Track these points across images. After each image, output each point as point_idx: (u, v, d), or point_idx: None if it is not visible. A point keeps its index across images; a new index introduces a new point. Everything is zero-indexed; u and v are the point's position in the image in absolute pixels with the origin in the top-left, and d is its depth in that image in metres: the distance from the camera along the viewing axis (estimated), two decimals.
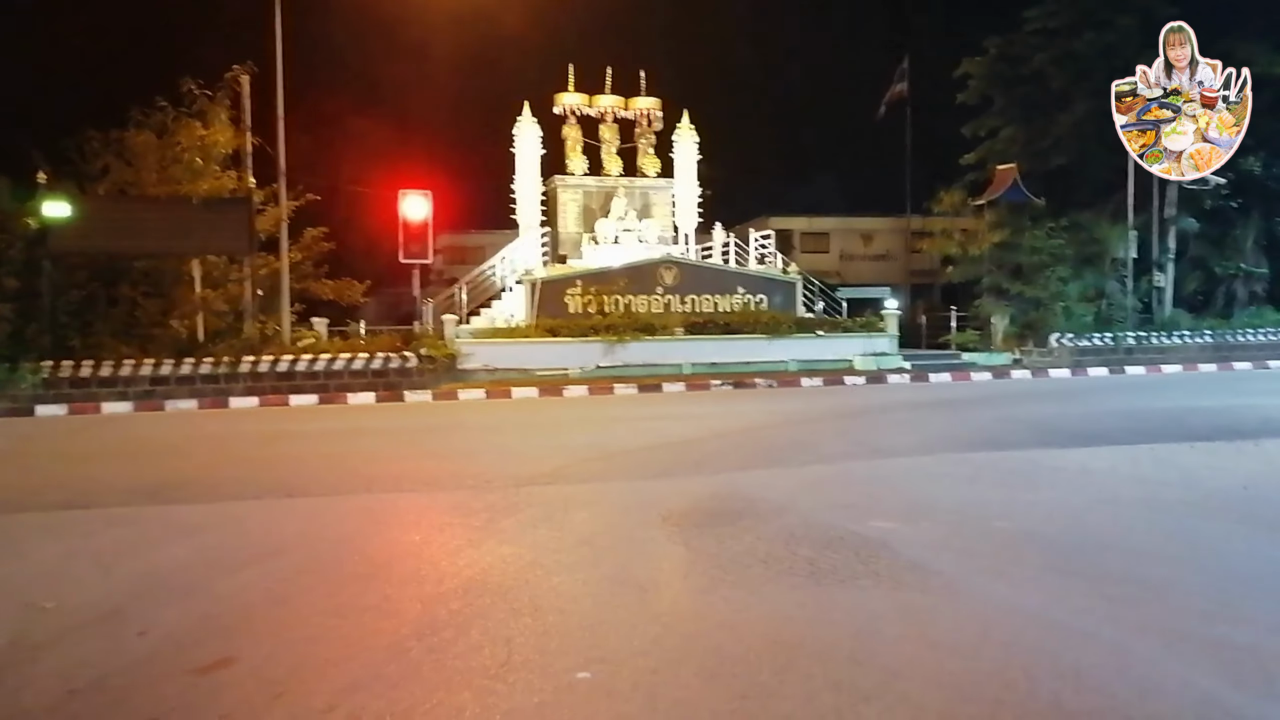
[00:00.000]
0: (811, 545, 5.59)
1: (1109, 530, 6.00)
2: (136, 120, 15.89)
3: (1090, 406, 13.78)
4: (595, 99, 25.15)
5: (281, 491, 7.65)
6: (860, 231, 44.11)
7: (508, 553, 5.49)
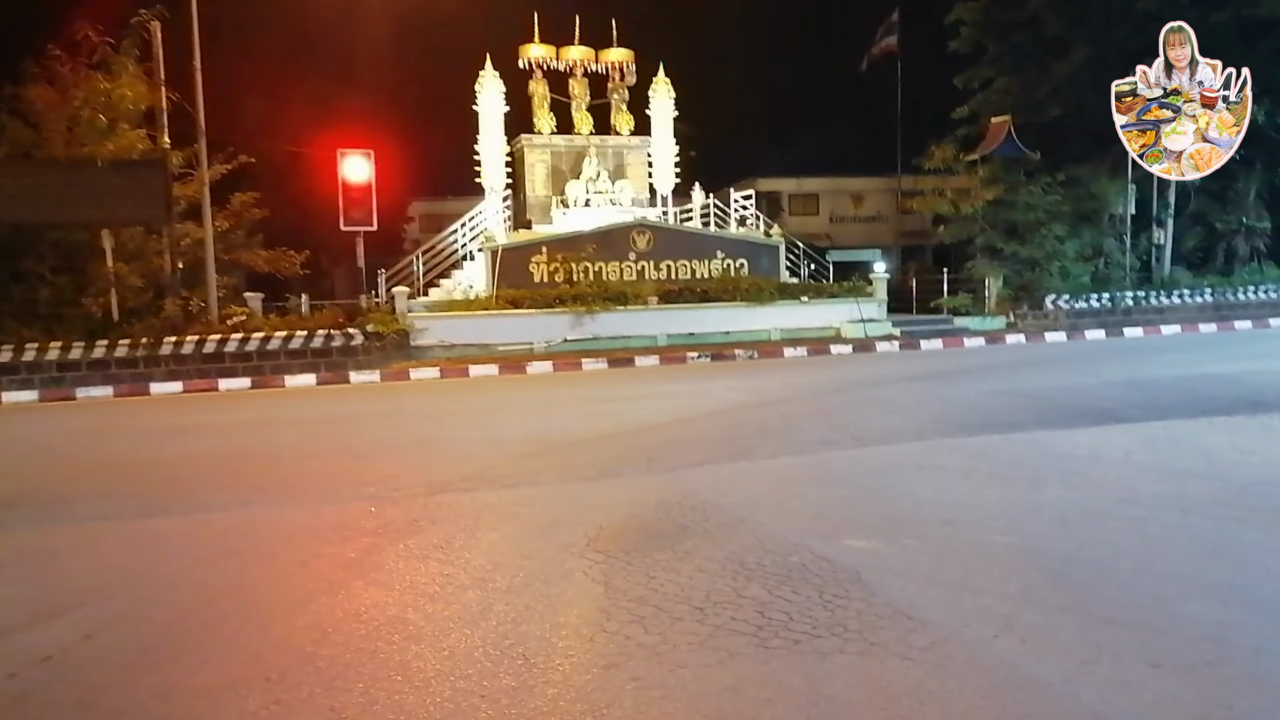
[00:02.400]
0: (765, 580, 4.40)
1: (1135, 546, 4.82)
2: (32, 74, 14.34)
3: (1092, 375, 12.62)
4: (564, 51, 23.56)
5: (139, 509, 6.42)
6: (850, 193, 42.72)
7: (371, 601, 4.29)
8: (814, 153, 42.49)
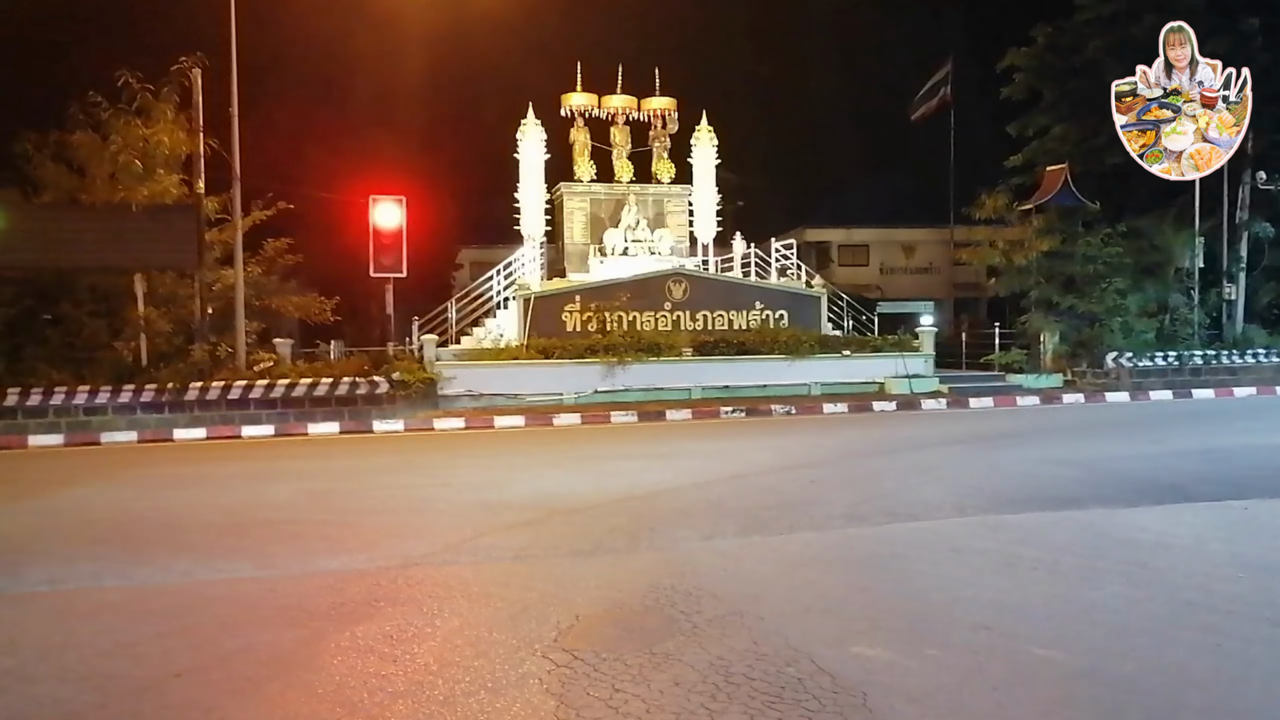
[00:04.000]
0: (749, 700, 3.65)
1: (1209, 669, 3.99)
2: (77, 119, 14.38)
3: (1158, 443, 11.59)
4: (605, 99, 23.32)
5: (92, 573, 5.86)
6: (901, 243, 41.84)
7: (284, 711, 3.62)
8: (864, 202, 41.75)
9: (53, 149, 14.62)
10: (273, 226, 16.85)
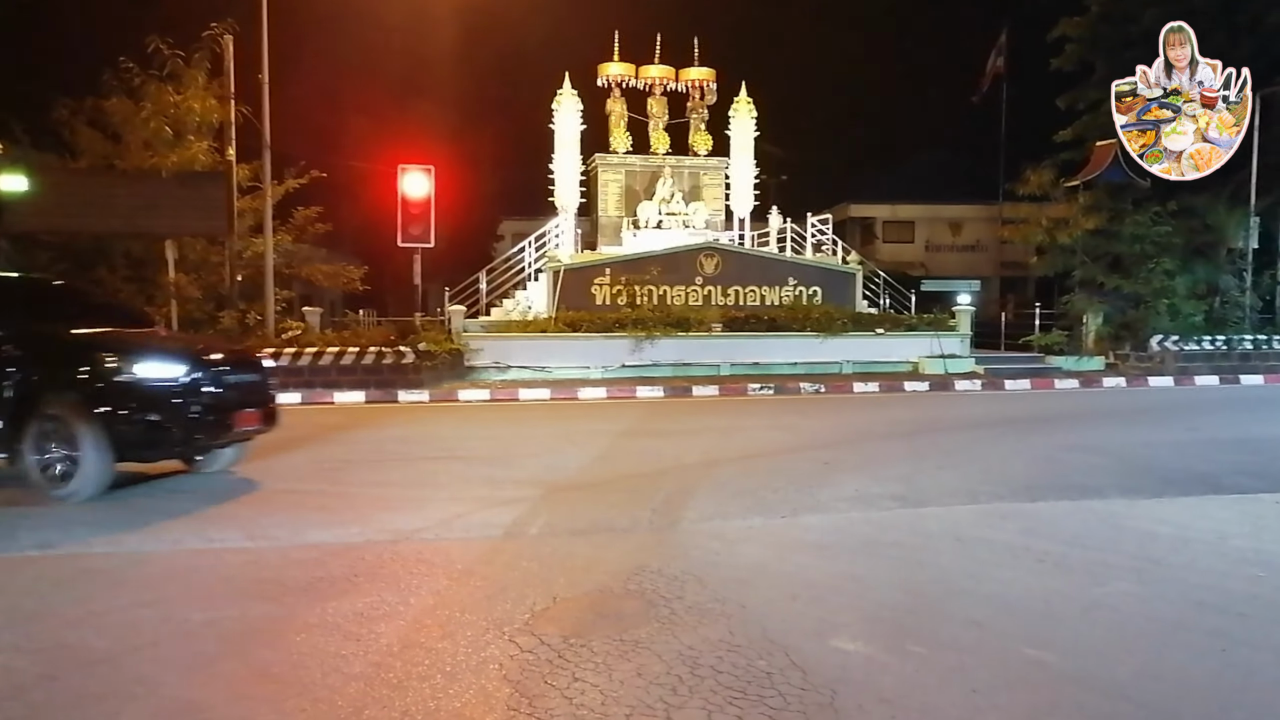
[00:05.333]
0: (711, 695, 3.49)
1: (1211, 675, 3.74)
2: (110, 86, 14.47)
3: (1195, 431, 11.14)
4: (643, 69, 23.01)
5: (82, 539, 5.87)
6: (948, 220, 40.98)
7: (237, 688, 3.54)
8: (910, 178, 40.89)
9: (88, 115, 14.77)
10: (308, 195, 16.90)
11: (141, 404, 6.80)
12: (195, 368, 7.08)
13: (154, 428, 6.83)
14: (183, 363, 7.06)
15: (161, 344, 7.36)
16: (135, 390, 6.81)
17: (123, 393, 6.76)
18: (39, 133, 15.06)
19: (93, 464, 6.62)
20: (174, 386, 6.91)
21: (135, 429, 6.77)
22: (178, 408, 6.91)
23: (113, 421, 6.66)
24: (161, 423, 6.87)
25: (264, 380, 7.93)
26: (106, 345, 7.07)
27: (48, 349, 7.02)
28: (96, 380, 6.79)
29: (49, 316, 7.49)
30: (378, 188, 21.02)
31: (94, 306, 8.53)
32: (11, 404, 6.73)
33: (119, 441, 6.68)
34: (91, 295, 9.32)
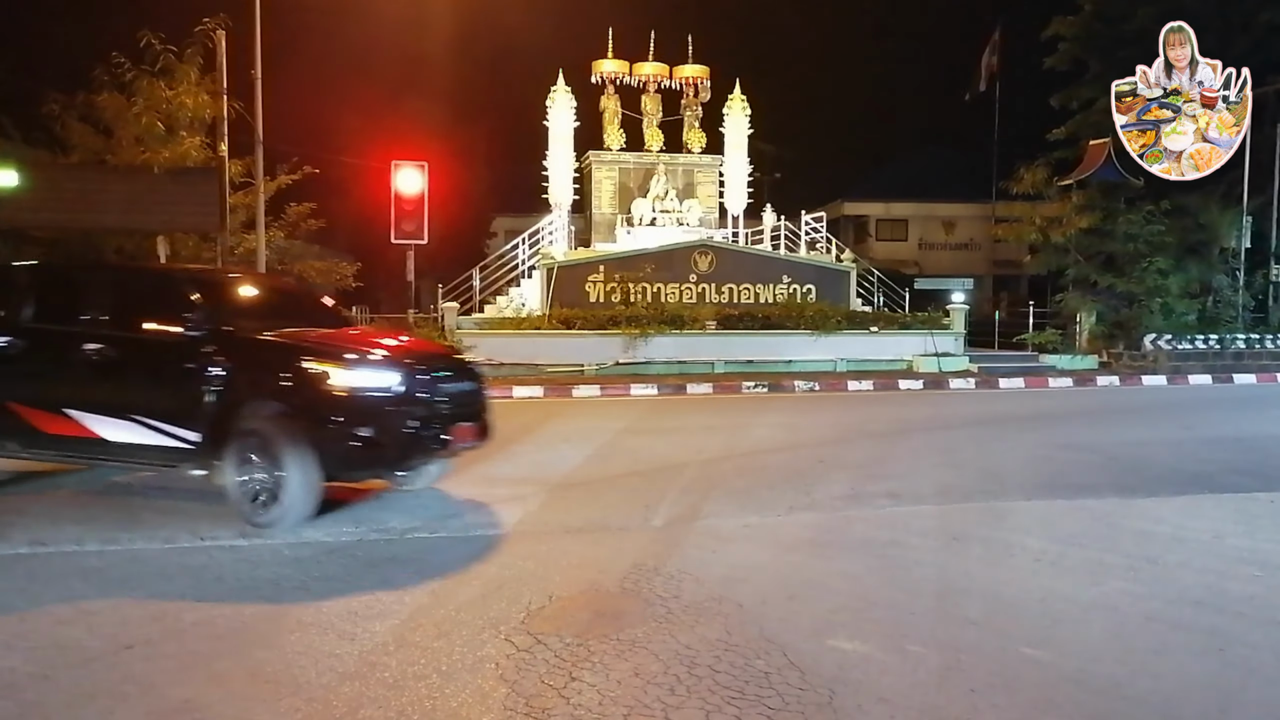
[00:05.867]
0: (709, 695, 3.47)
1: (1210, 674, 3.73)
2: (101, 80, 14.36)
3: (1190, 429, 11.17)
4: (637, 66, 22.96)
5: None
6: (941, 218, 40.99)
7: (231, 687, 3.51)
8: (904, 176, 40.90)
9: (80, 109, 14.64)
10: (301, 191, 16.80)
11: (353, 417, 5.93)
12: (411, 375, 6.15)
13: (366, 444, 5.94)
14: (398, 370, 6.13)
15: (371, 348, 6.36)
16: (346, 401, 5.94)
17: (332, 404, 5.91)
18: (29, 127, 14.92)
19: (298, 486, 5.78)
20: (388, 397, 6.01)
21: (345, 445, 5.91)
22: (392, 421, 6.00)
23: (320, 437, 5.83)
24: (374, 438, 5.95)
25: (479, 389, 6.86)
26: (312, 349, 6.17)
27: (247, 352, 6.22)
28: (302, 389, 5.98)
29: (238, 315, 6.70)
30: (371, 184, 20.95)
31: (284, 302, 7.69)
32: (212, 413, 5.99)
33: (327, 459, 5.86)
34: (280, 289, 8.38)
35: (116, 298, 6.71)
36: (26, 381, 6.61)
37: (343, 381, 5.95)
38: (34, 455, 6.64)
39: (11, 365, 6.60)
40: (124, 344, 6.39)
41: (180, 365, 6.17)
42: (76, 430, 6.31)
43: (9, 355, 6.60)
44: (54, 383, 6.56)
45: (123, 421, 6.19)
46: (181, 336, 6.22)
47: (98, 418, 6.25)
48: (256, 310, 7.13)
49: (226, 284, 7.55)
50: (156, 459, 6.24)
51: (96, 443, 6.28)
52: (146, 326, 6.45)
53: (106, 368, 6.36)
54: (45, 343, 6.62)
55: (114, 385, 6.38)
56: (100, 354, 6.36)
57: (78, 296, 6.81)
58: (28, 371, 6.61)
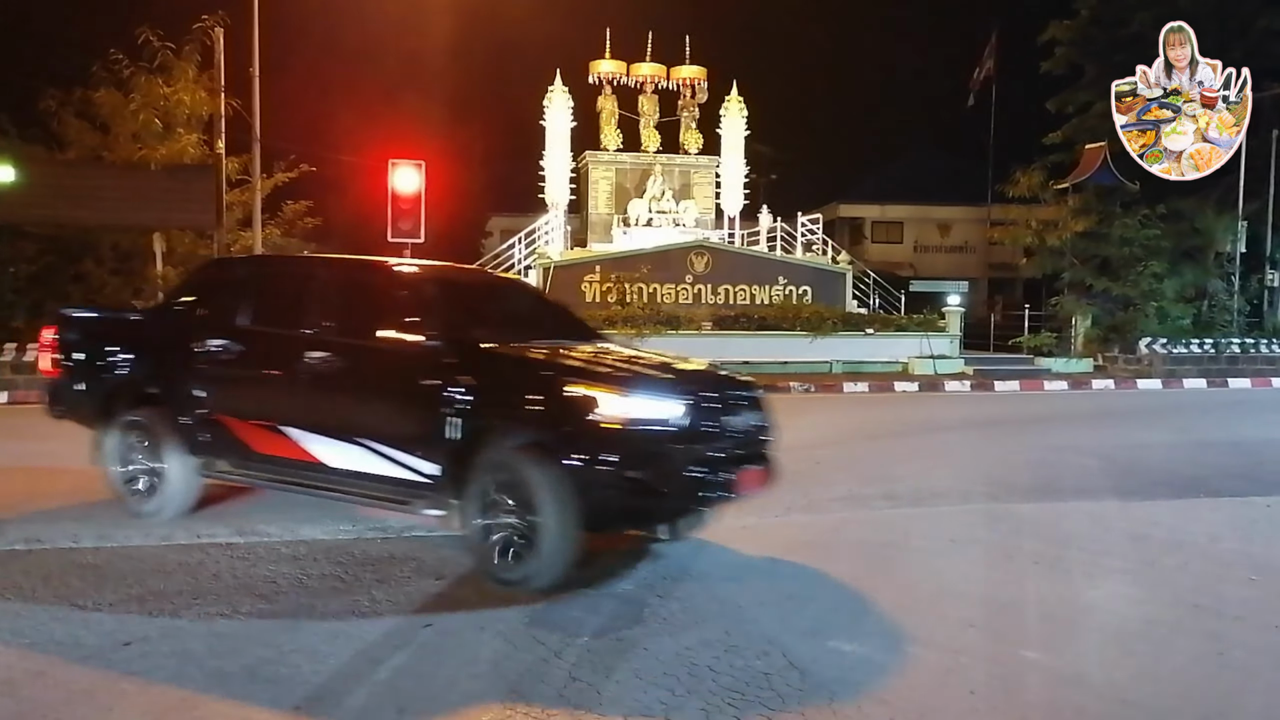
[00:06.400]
0: (710, 696, 3.47)
1: (1209, 677, 3.75)
2: (99, 77, 14.34)
3: (1186, 432, 11.21)
4: (634, 67, 22.98)
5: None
6: (936, 221, 41.09)
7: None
8: (899, 179, 40.98)
9: (76, 106, 14.63)
10: (297, 189, 16.79)
11: (626, 456, 4.64)
12: (697, 405, 4.91)
13: (638, 489, 4.67)
14: (683, 397, 4.90)
15: (646, 369, 5.20)
16: (617, 436, 4.66)
17: (599, 438, 4.65)
18: (26, 123, 14.91)
19: (555, 538, 4.57)
20: (669, 431, 4.78)
21: (614, 490, 4.65)
22: (673, 461, 4.75)
23: (585, 478, 4.59)
24: (649, 482, 4.69)
25: (766, 422, 5.45)
26: (577, 369, 5.02)
27: (497, 369, 5.11)
28: (564, 418, 4.75)
29: (481, 322, 5.69)
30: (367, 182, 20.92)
31: (525, 308, 6.68)
32: (454, 441, 4.88)
33: (592, 507, 4.62)
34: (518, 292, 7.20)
35: (343, 297, 5.73)
36: (240, 392, 5.79)
37: (616, 410, 4.68)
38: (244, 477, 5.87)
39: (224, 373, 5.77)
40: (351, 353, 5.40)
41: (417, 381, 5.08)
42: (294, 452, 5.46)
43: (221, 361, 5.78)
44: (270, 395, 5.70)
45: (347, 445, 5.25)
46: (420, 347, 5.14)
47: (318, 438, 5.36)
48: (499, 317, 6.09)
49: (468, 285, 6.56)
50: (385, 492, 5.20)
51: (316, 468, 5.41)
52: (378, 333, 5.36)
53: (330, 380, 5.42)
54: (261, 348, 5.74)
55: (339, 401, 5.42)
56: (324, 363, 5.42)
57: (299, 295, 5.81)
58: (241, 381, 5.80)
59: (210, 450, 5.79)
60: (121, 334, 6.52)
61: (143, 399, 6.03)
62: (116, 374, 6.27)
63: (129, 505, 5.96)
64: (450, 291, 5.95)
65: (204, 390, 5.76)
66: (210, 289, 6.39)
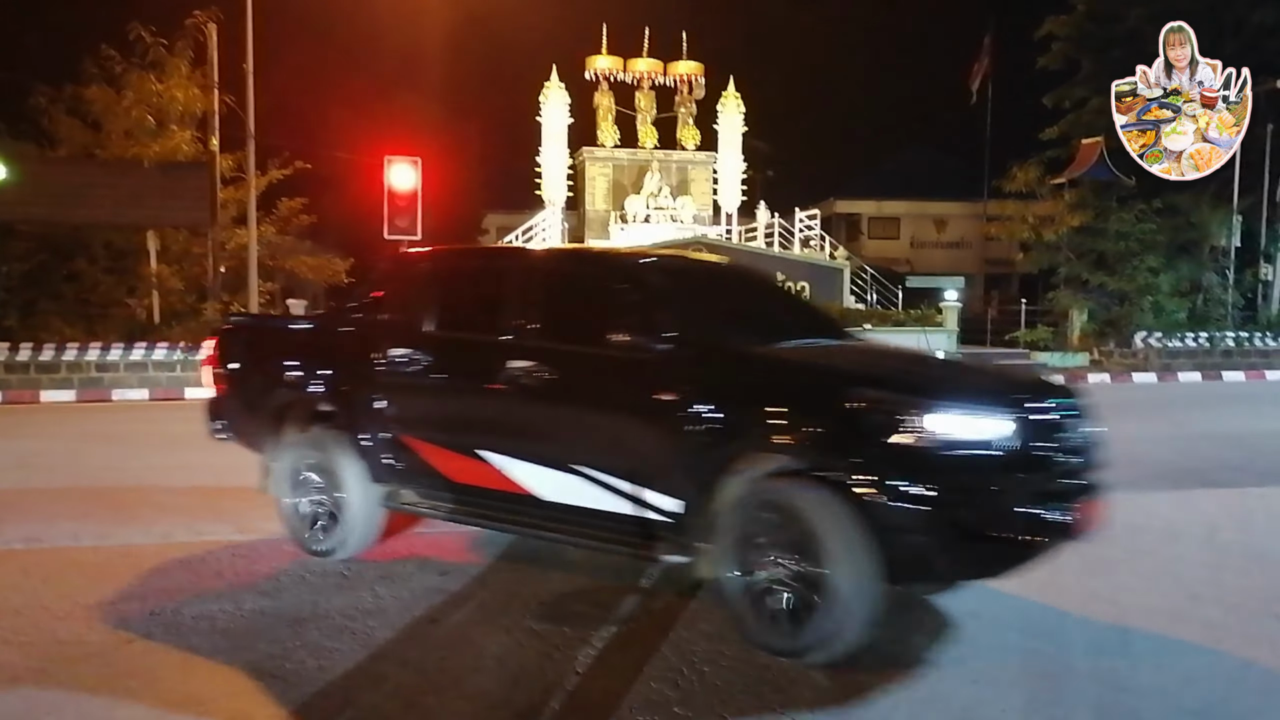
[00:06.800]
0: (714, 693, 3.47)
1: (1206, 669, 3.75)
2: (90, 73, 14.30)
3: (1182, 425, 11.25)
4: (631, 63, 23.00)
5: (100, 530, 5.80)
6: (933, 217, 41.15)
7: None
8: (896, 175, 41.03)
9: (68, 103, 14.60)
10: (292, 186, 16.78)
11: (944, 489, 3.54)
12: (1026, 419, 3.80)
13: (959, 533, 3.57)
14: (1008, 410, 3.79)
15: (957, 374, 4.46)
16: (930, 462, 3.59)
17: (905, 466, 3.58)
18: (16, 121, 14.88)
19: (847, 596, 3.55)
20: (996, 455, 3.69)
21: (927, 535, 3.55)
22: (1003, 495, 3.70)
23: (887, 519, 3.52)
24: (974, 524, 3.60)
25: (1096, 440, 4.36)
26: (864, 376, 4.14)
27: (751, 378, 4.15)
28: (853, 440, 3.71)
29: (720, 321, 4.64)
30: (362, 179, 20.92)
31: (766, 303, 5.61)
32: (699, 469, 3.96)
33: (895, 556, 3.55)
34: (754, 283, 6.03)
35: (554, 295, 4.80)
36: (430, 410, 4.96)
37: (927, 428, 3.59)
38: (437, 511, 4.94)
39: (410, 387, 4.93)
40: (566, 361, 4.47)
41: (651, 395, 4.13)
42: (497, 481, 4.59)
43: (407, 373, 4.90)
44: (467, 413, 4.88)
45: (563, 474, 4.37)
46: (653, 353, 4.17)
47: (528, 466, 4.50)
48: (737, 313, 5.04)
49: (698, 274, 5.62)
50: (613, 532, 4.29)
51: (524, 501, 4.54)
52: (599, 337, 4.38)
53: (540, 395, 4.47)
54: (454, 357, 4.89)
55: (551, 421, 4.54)
56: (531, 375, 4.46)
57: (499, 294, 4.92)
58: (431, 396, 4.96)
59: (396, 477, 4.99)
60: (292, 343, 5.73)
61: (317, 418, 5.21)
62: (286, 389, 5.41)
63: (302, 539, 5.20)
64: (683, 283, 4.98)
65: (388, 407, 4.94)
66: (392, 289, 5.42)
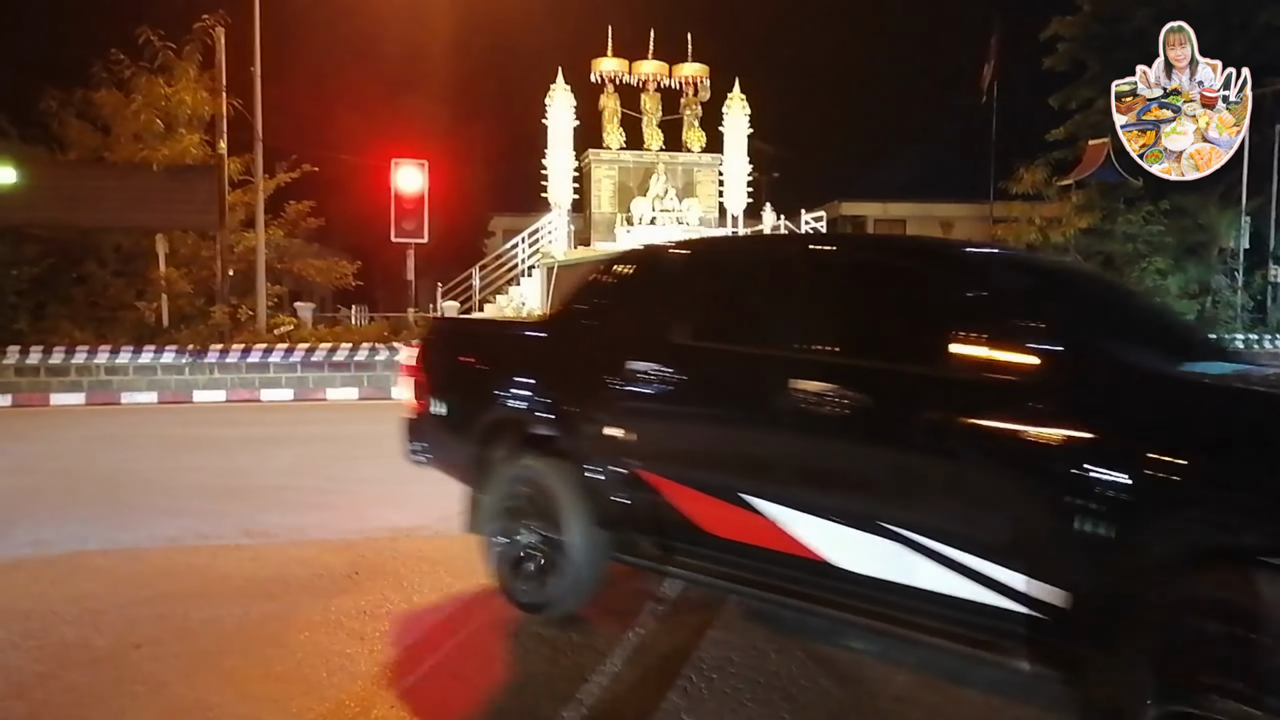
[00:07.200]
0: (723, 698, 3.45)
1: None
2: (99, 77, 14.35)
3: None
4: (636, 65, 22.92)
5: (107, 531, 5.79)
6: (939, 219, 40.98)
7: (217, 697, 3.48)
8: (902, 177, 40.94)
9: (77, 106, 14.65)
10: (300, 189, 16.82)
11: None
12: None
13: None
14: None
15: None
16: None
17: None
18: (26, 124, 14.97)
19: None
20: None
21: None
22: None
23: None
24: None
25: None
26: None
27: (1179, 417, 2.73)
28: None
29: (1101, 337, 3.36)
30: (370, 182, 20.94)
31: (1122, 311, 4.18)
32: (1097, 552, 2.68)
33: None
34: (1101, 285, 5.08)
35: (858, 297, 3.67)
36: (680, 440, 3.93)
37: None
38: (678, 569, 3.88)
39: (655, 410, 3.90)
40: (880, 385, 3.26)
41: (1014, 437, 2.86)
42: (773, 539, 3.44)
43: (650, 393, 3.86)
44: (732, 448, 3.74)
45: (874, 538, 3.16)
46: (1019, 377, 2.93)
47: (820, 523, 3.32)
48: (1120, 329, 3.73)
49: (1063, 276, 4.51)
50: (949, 622, 3.01)
51: (813, 569, 3.35)
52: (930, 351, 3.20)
53: (841, 429, 3.29)
54: (716, 376, 3.83)
55: (857, 464, 3.36)
56: (827, 402, 3.28)
57: (779, 296, 3.92)
58: (682, 423, 3.92)
59: (630, 522, 3.96)
60: (508, 352, 4.77)
61: (534, 442, 4.29)
62: (498, 407, 4.48)
63: (510, 588, 4.31)
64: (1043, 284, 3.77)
65: (623, 434, 3.94)
66: (632, 290, 4.40)
